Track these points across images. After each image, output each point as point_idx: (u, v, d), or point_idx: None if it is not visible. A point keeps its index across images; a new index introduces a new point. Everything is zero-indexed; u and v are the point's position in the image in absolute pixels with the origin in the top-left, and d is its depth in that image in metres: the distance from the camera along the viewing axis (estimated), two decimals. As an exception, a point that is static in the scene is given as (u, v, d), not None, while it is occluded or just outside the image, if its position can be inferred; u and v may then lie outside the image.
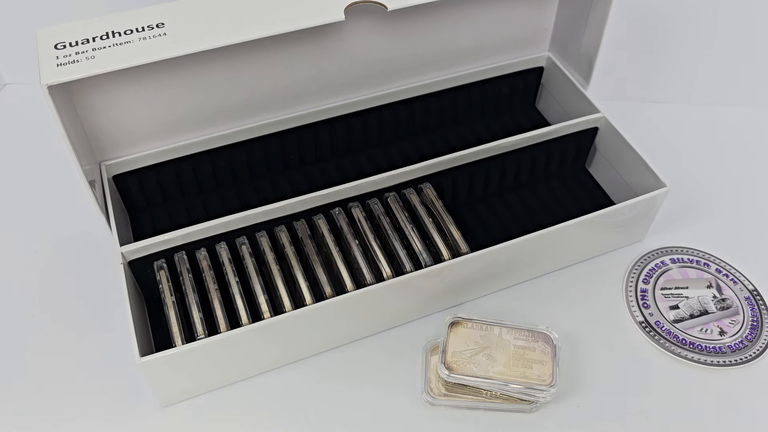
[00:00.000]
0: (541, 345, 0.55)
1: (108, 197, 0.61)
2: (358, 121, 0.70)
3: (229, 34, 0.53)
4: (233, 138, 0.67)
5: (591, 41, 0.69)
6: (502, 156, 0.67)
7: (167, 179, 0.65)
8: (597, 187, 0.72)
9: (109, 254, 0.66)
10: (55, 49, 0.51)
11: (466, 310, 0.62)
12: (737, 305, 0.63)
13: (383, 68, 0.69)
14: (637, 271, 0.66)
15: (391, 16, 0.65)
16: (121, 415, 0.55)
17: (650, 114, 0.83)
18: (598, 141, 0.71)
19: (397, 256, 0.59)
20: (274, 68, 0.64)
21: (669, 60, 0.84)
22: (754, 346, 0.60)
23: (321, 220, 0.62)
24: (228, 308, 0.56)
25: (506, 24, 0.72)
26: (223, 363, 0.55)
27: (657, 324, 0.62)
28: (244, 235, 0.61)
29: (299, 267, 0.58)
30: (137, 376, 0.56)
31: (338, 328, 0.58)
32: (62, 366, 0.58)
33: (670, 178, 0.64)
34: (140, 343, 0.52)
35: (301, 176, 0.69)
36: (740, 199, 0.73)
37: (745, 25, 0.80)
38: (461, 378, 0.53)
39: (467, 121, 0.75)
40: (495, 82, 0.74)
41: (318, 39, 0.64)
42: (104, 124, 0.61)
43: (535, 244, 0.60)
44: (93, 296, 0.63)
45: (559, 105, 0.76)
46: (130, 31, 0.52)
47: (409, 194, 0.64)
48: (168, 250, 0.59)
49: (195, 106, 0.64)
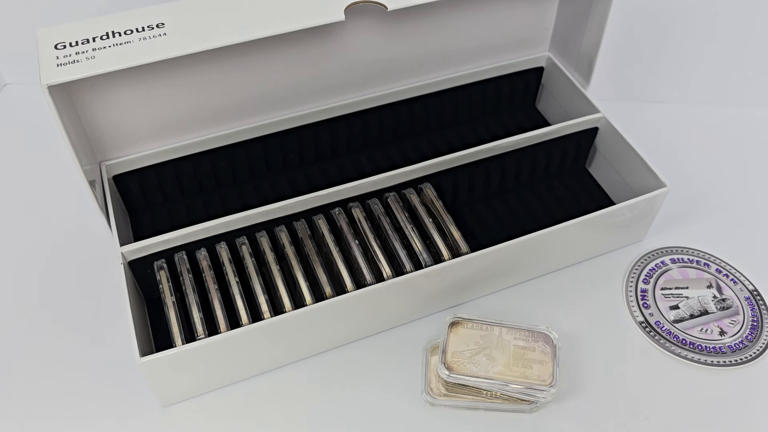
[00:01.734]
0: (541, 345, 0.55)
1: (108, 197, 0.61)
2: (358, 121, 0.70)
3: (229, 34, 0.53)
4: (233, 138, 0.67)
5: (591, 41, 0.69)
6: (502, 156, 0.67)
7: (167, 179, 0.65)
8: (597, 187, 0.72)
9: (109, 254, 0.66)
10: (55, 49, 0.51)
11: (466, 310, 0.63)
12: (737, 305, 0.63)
13: (383, 68, 0.69)
14: (637, 271, 0.66)
15: (391, 16, 0.65)
16: (121, 415, 0.55)
17: (650, 114, 0.83)
18: (598, 141, 0.71)
19: (397, 256, 0.59)
20: (274, 68, 0.64)
21: (669, 60, 0.84)
22: (754, 346, 0.60)
23: (321, 220, 0.62)
24: (228, 308, 0.56)
25: (506, 24, 0.72)
26: (223, 363, 0.55)
27: (657, 324, 0.62)
28: (244, 235, 0.61)
29: (299, 267, 0.58)
30: (137, 376, 0.56)
31: (338, 328, 0.58)
32: (62, 366, 0.58)
33: (670, 178, 0.64)
34: (140, 343, 0.52)
35: (301, 176, 0.69)
36: (740, 199, 0.73)
37: (745, 25, 0.80)
38: (461, 378, 0.53)
39: (467, 121, 0.75)
40: (495, 82, 0.74)
41: (318, 39, 0.64)
42: (104, 124, 0.61)
43: (535, 244, 0.60)
44: (93, 296, 0.63)
45: (559, 105, 0.76)
46: (130, 31, 0.52)
47: (409, 194, 0.64)
48: (168, 250, 0.59)
49: (195, 106, 0.64)
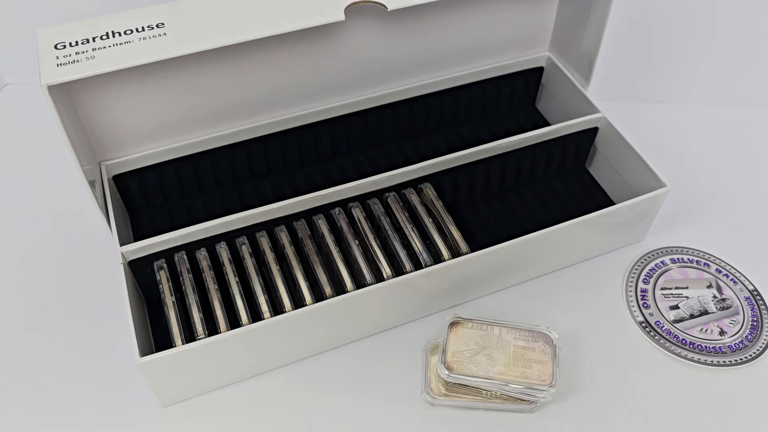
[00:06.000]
0: (541, 345, 0.55)
1: (108, 197, 0.61)
2: (358, 121, 0.70)
3: (229, 34, 0.53)
4: (233, 138, 0.67)
5: (591, 41, 0.69)
6: (502, 156, 0.67)
7: (167, 179, 0.65)
8: (597, 187, 0.72)
9: (109, 254, 0.66)
10: (55, 49, 0.51)
11: (466, 310, 0.62)
12: (737, 305, 0.63)
13: (383, 68, 0.69)
14: (637, 271, 0.66)
15: (391, 16, 0.65)
16: (121, 415, 0.55)
17: (650, 114, 0.83)
18: (598, 141, 0.71)
19: (397, 256, 0.59)
20: (274, 68, 0.64)
21: (669, 60, 0.84)
22: (754, 346, 0.60)
23: (321, 220, 0.62)
24: (228, 308, 0.56)
25: (506, 24, 0.72)
26: (223, 363, 0.55)
27: (657, 324, 0.62)
28: (244, 235, 0.61)
29: (299, 267, 0.58)
30: (137, 376, 0.56)
31: (338, 328, 0.58)
32: (62, 366, 0.58)
33: (670, 178, 0.64)
34: (140, 343, 0.52)
35: (301, 176, 0.69)
36: (740, 199, 0.73)
37: (745, 25, 0.80)
38: (461, 378, 0.53)
39: (467, 121, 0.75)
40: (495, 82, 0.74)
41: (318, 39, 0.64)
42: (104, 124, 0.61)
43: (535, 244, 0.60)
44: (93, 296, 0.63)
45: (559, 105, 0.76)
46: (130, 31, 0.52)
47: (409, 194, 0.64)
48: (168, 250, 0.59)
49: (195, 106, 0.64)
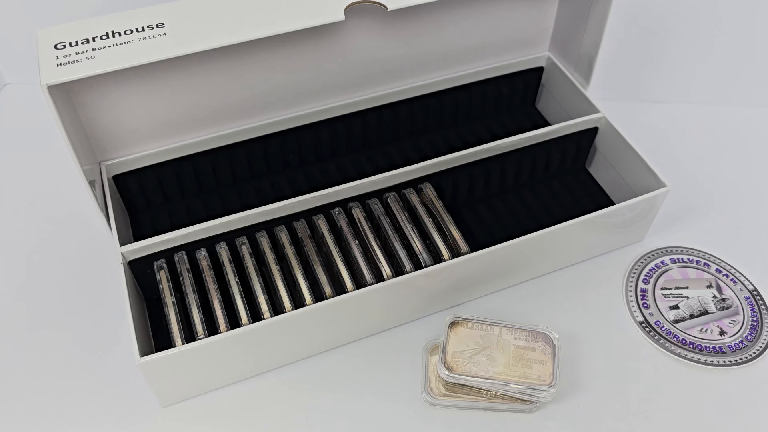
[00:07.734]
0: (541, 345, 0.55)
1: (108, 197, 0.61)
2: (358, 121, 0.70)
3: (229, 34, 0.53)
4: (233, 138, 0.67)
5: (591, 41, 0.69)
6: (502, 156, 0.67)
7: (167, 179, 0.65)
8: (597, 187, 0.72)
9: (109, 254, 0.66)
10: (55, 49, 0.51)
11: (466, 310, 0.62)
12: (737, 305, 0.63)
13: (383, 68, 0.69)
14: (637, 271, 0.66)
15: (391, 16, 0.65)
16: (121, 415, 0.55)
17: (650, 114, 0.83)
18: (598, 141, 0.71)
19: (397, 256, 0.59)
20: (274, 68, 0.64)
21: (669, 60, 0.84)
22: (754, 346, 0.60)
23: (321, 220, 0.62)
24: (228, 308, 0.56)
25: (506, 24, 0.72)
26: (223, 363, 0.55)
27: (657, 324, 0.62)
28: (244, 235, 0.61)
29: (299, 267, 0.58)
30: (137, 376, 0.56)
31: (338, 328, 0.58)
32: (62, 366, 0.58)
33: (670, 178, 0.64)
34: (140, 343, 0.52)
35: (301, 176, 0.69)
36: (740, 199, 0.73)
37: (745, 25, 0.80)
38: (461, 378, 0.53)
39: (467, 121, 0.75)
40: (495, 82, 0.74)
41: (318, 39, 0.64)
42: (104, 124, 0.61)
43: (535, 244, 0.60)
44: (93, 296, 0.63)
45: (559, 105, 0.76)
46: (130, 31, 0.52)
47: (409, 194, 0.64)
48: (168, 250, 0.59)
49: (195, 106, 0.64)
